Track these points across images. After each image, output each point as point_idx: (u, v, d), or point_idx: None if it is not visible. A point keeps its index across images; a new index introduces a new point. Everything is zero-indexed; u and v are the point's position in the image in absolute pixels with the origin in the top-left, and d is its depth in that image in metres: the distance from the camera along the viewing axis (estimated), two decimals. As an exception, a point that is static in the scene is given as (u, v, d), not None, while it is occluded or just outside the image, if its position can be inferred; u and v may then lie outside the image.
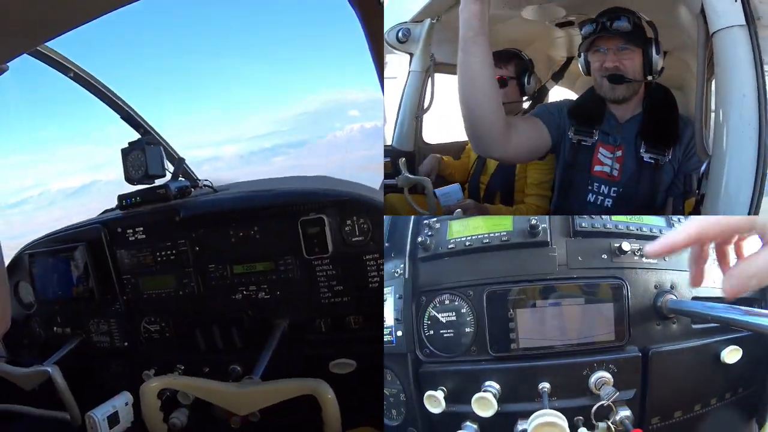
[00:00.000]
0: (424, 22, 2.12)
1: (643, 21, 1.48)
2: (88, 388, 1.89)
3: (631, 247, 1.08)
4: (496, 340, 1.08)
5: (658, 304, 1.06)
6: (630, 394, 1.04)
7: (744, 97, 1.03)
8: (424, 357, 1.16)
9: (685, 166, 1.44)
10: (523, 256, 1.11)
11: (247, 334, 1.76)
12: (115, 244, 1.87)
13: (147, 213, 1.85)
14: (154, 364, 1.85)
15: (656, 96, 1.51)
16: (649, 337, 1.06)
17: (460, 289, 1.13)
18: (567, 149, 1.59)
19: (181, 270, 1.80)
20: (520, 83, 2.05)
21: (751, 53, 1.04)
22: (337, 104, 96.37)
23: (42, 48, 1.81)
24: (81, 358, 1.93)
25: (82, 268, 1.89)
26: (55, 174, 33.36)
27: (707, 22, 1.10)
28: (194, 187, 1.97)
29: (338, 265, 1.66)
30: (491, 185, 2.08)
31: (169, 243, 1.80)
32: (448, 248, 1.17)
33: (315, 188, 1.74)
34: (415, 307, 1.17)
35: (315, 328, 1.71)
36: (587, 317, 1.06)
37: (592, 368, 1.04)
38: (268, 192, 1.79)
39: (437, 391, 1.10)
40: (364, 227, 1.62)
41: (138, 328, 1.90)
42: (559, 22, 2.08)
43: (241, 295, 1.76)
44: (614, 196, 1.51)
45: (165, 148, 2.08)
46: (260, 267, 1.73)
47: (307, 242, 1.64)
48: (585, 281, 1.07)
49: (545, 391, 1.03)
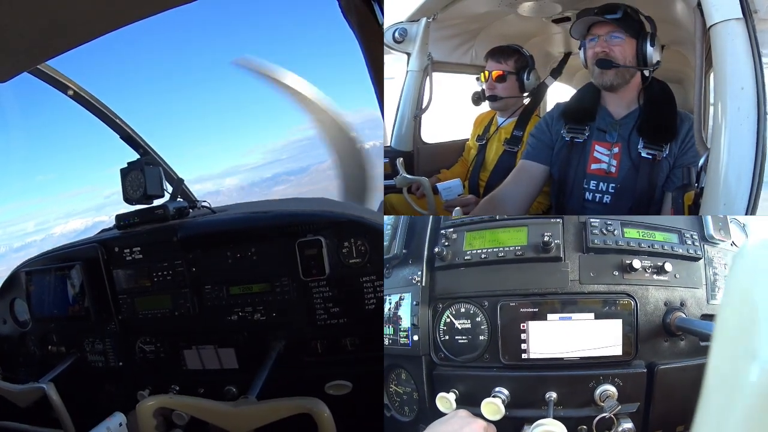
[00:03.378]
0: (421, 21, 2.11)
1: (641, 16, 1.49)
2: (82, 407, 1.91)
3: (641, 264, 1.11)
4: (508, 349, 1.14)
5: (667, 321, 1.10)
6: (634, 407, 1.08)
7: (742, 90, 1.04)
8: (438, 360, 1.23)
9: (681, 159, 1.46)
10: (536, 270, 1.16)
11: (242, 355, 1.77)
12: (112, 264, 1.87)
13: (144, 233, 1.85)
14: (149, 383, 1.86)
15: (654, 91, 1.52)
16: (657, 353, 1.10)
17: (476, 299, 1.18)
18: (561, 148, 1.62)
19: (177, 290, 1.80)
20: (519, 79, 2.06)
21: (749, 46, 1.05)
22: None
23: (41, 66, 1.83)
24: (76, 376, 1.94)
25: (78, 287, 1.89)
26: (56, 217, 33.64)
27: (704, 15, 1.11)
28: (192, 208, 1.98)
29: (335, 287, 1.65)
30: (491, 182, 2.09)
31: (165, 263, 1.80)
32: (464, 259, 1.22)
33: (312, 210, 1.74)
34: (432, 313, 1.24)
35: (311, 350, 1.71)
36: (596, 332, 1.10)
37: (598, 381, 1.08)
38: (266, 213, 1.79)
39: (449, 393, 1.16)
40: (361, 249, 1.62)
41: (133, 348, 1.90)
42: (555, 18, 2.09)
43: (237, 316, 1.76)
44: (612, 192, 1.53)
45: (164, 169, 2.09)
46: (257, 288, 1.73)
47: (304, 264, 1.64)
48: (596, 297, 1.11)
49: (551, 400, 1.09)
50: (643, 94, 1.54)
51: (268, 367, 1.60)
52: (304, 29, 49.27)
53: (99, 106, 2.07)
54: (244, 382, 1.61)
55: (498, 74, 2.07)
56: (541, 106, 2.27)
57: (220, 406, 1.31)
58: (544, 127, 1.67)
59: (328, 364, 1.69)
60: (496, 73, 2.07)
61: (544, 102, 2.34)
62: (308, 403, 1.19)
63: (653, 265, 1.12)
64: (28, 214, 20.81)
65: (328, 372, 1.67)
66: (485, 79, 2.11)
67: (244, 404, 1.28)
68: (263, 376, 1.55)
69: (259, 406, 1.25)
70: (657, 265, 1.12)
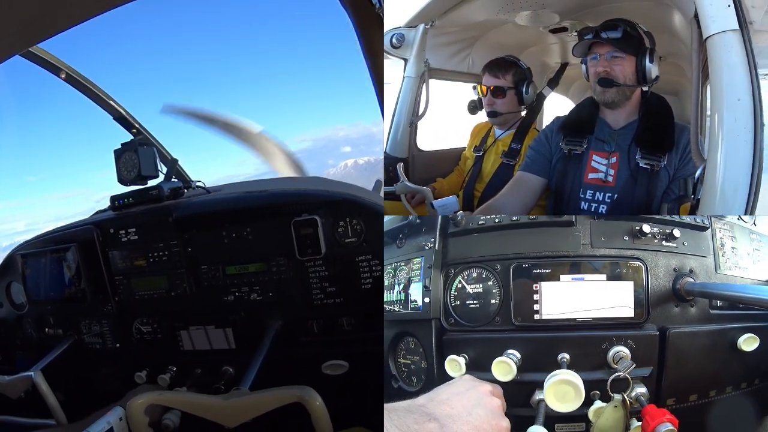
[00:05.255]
0: (418, 27, 2.10)
1: (641, 30, 1.54)
2: (79, 390, 1.88)
3: (651, 229, 1.14)
4: (520, 310, 1.14)
5: (677, 287, 1.12)
6: (647, 372, 1.08)
7: (739, 101, 1.05)
8: (448, 326, 1.22)
9: (681, 171, 1.46)
10: (549, 234, 1.19)
11: (239, 335, 1.76)
12: (108, 245, 1.86)
13: (139, 214, 1.84)
14: (146, 365, 1.83)
15: (652, 104, 1.57)
16: (668, 317, 1.11)
17: (489, 263, 1.20)
18: (559, 160, 1.64)
19: (173, 271, 1.79)
20: (518, 92, 2.06)
21: (745, 57, 1.06)
22: (329, 141, 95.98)
23: (33, 49, 1.84)
24: (73, 359, 1.92)
25: (74, 269, 1.87)
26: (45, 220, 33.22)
27: (701, 27, 1.12)
28: (187, 188, 1.96)
29: (331, 267, 1.65)
30: (486, 193, 2.06)
31: (161, 244, 1.79)
32: (478, 224, 1.25)
33: (308, 189, 1.75)
34: (443, 278, 1.24)
35: (307, 330, 1.70)
36: (608, 294, 1.11)
37: (611, 342, 1.08)
38: (261, 193, 1.78)
39: (459, 357, 1.15)
40: (357, 228, 1.62)
41: (130, 329, 1.89)
42: (552, 28, 2.11)
43: (234, 296, 1.75)
44: (609, 202, 1.54)
45: (158, 149, 2.08)
46: (253, 268, 1.72)
47: (300, 243, 1.63)
48: (607, 260, 1.13)
49: (564, 361, 1.08)
50: (642, 106, 1.58)
51: (263, 351, 1.58)
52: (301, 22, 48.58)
53: (92, 87, 2.07)
54: (241, 361, 1.59)
55: (496, 88, 2.07)
56: (538, 117, 2.28)
57: (212, 400, 1.28)
58: (543, 139, 1.71)
59: (324, 344, 1.67)
60: (494, 87, 2.07)
61: (541, 114, 2.37)
62: (300, 391, 1.16)
63: (662, 231, 1.15)
64: (19, 213, 20.26)
65: (324, 352, 1.65)
66: (483, 93, 2.11)
67: (235, 396, 1.26)
68: (258, 360, 1.53)
69: (250, 398, 1.24)
70: (666, 232, 1.15)
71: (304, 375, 1.39)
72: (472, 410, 0.87)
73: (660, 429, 0.89)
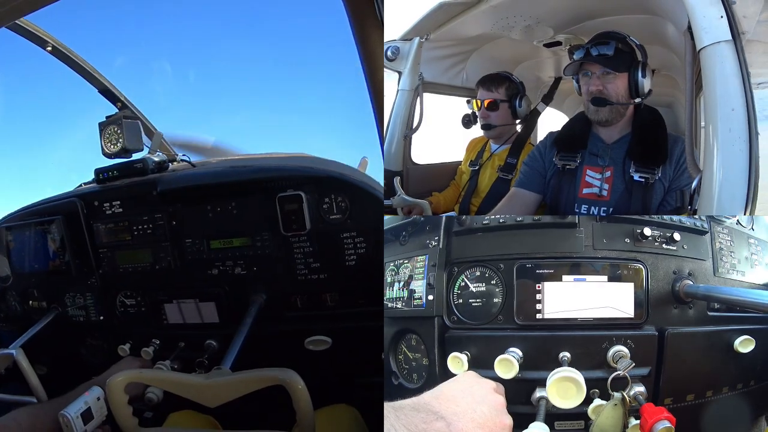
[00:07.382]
0: (413, 40, 2.12)
1: (633, 44, 1.54)
2: (62, 363, 1.88)
3: (651, 233, 1.16)
4: (522, 309, 1.16)
5: (676, 289, 1.14)
6: (645, 371, 1.10)
7: (733, 111, 1.06)
8: (450, 323, 1.24)
9: (676, 182, 1.47)
10: (552, 235, 1.20)
11: (223, 309, 1.75)
12: (92, 218, 1.85)
13: (124, 187, 1.82)
14: (129, 338, 1.84)
15: (645, 117, 1.57)
16: (666, 319, 1.13)
17: (492, 262, 1.21)
18: (553, 176, 1.65)
19: (157, 244, 1.78)
20: (511, 106, 2.09)
21: (738, 68, 1.07)
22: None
23: (19, 21, 1.80)
24: (56, 332, 1.92)
25: (58, 242, 1.87)
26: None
27: (694, 38, 1.13)
28: (172, 162, 1.95)
29: (315, 243, 1.64)
30: (483, 207, 2.09)
31: (146, 217, 1.78)
32: (482, 224, 1.27)
33: (293, 165, 1.73)
34: (447, 276, 1.26)
35: (291, 305, 1.70)
36: (609, 295, 1.14)
37: (611, 342, 1.11)
38: (246, 167, 1.77)
39: (462, 354, 1.17)
40: (342, 205, 1.60)
41: (114, 302, 1.89)
42: (546, 43, 2.12)
43: (218, 270, 1.74)
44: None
45: (142, 122, 2.07)
46: (237, 242, 1.71)
47: (285, 218, 1.62)
48: (608, 261, 1.15)
49: (565, 360, 1.10)
50: (635, 119, 1.58)
51: (246, 327, 1.56)
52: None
53: (77, 59, 2.07)
54: (224, 336, 1.59)
55: (490, 102, 2.09)
56: (533, 133, 2.28)
57: (192, 379, 1.28)
58: (537, 155, 1.72)
59: (308, 320, 1.67)
60: (488, 101, 2.10)
61: (535, 132, 2.38)
62: (282, 374, 1.16)
63: (662, 235, 1.17)
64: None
65: (308, 327, 1.65)
66: (477, 107, 2.14)
67: (215, 376, 1.25)
68: (240, 339, 1.51)
69: (231, 379, 1.23)
70: (666, 235, 1.17)
71: (287, 350, 1.37)
72: (477, 407, 0.89)
73: (658, 426, 0.91)
